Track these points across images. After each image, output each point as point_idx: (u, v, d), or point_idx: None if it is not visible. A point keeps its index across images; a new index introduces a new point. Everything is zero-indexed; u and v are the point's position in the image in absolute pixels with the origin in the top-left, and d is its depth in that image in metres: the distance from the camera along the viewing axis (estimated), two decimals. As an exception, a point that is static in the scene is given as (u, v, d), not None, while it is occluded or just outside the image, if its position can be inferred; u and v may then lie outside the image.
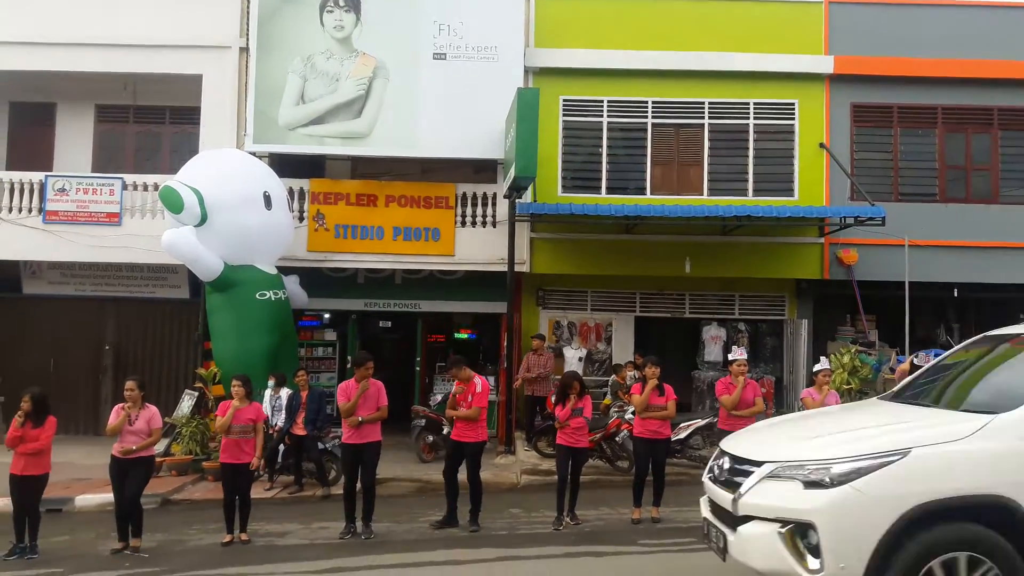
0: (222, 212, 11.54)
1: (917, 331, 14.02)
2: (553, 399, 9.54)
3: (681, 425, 11.02)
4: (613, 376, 13.02)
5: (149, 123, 15.20)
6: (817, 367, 9.43)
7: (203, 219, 11.46)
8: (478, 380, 8.59)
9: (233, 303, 11.80)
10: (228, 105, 13.72)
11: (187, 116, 14.45)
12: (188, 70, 13.75)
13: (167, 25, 13.68)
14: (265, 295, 11.95)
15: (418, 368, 14.79)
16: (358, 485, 8.31)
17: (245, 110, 13.53)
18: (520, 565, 7.36)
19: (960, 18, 14.03)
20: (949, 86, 13.94)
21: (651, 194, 13.78)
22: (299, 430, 10.56)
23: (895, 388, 6.38)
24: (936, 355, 13.37)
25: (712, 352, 14.39)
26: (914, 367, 9.60)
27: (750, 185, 13.87)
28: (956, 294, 14.18)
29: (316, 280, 13.81)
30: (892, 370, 11.59)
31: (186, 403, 12.63)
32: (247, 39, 13.62)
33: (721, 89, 13.88)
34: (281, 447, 10.89)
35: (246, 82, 13.59)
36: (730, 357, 9.44)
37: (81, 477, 10.81)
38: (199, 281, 12.51)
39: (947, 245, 13.70)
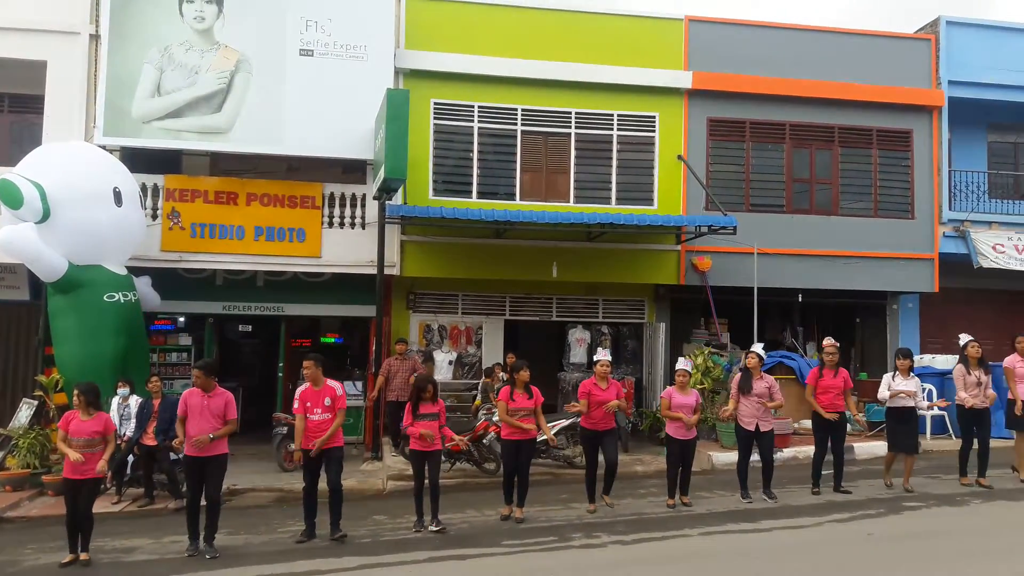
0: (67, 208, 10.83)
1: (765, 334, 14.94)
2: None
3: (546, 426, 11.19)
4: (484, 379, 13.11)
5: (-16, 110, 14.06)
6: (678, 366, 9.79)
7: (45, 215, 10.73)
8: (335, 384, 8.47)
9: (78, 305, 11.07)
10: (76, 94, 12.85)
11: (29, 104, 13.47)
12: (31, 55, 12.79)
13: (7, 4, 12.68)
14: (114, 297, 11.27)
15: (281, 374, 14.33)
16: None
17: (95, 100, 12.71)
18: (383, 572, 7.27)
19: (806, 41, 15.06)
20: (796, 104, 14.92)
21: (520, 200, 13.98)
22: (149, 440, 9.99)
23: None
24: (786, 357, 14.32)
25: (577, 354, 14.80)
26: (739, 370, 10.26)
27: (613, 194, 14.33)
28: (800, 299, 15.21)
29: (170, 281, 13.15)
30: (741, 371, 12.21)
31: (24, 412, 11.72)
32: (97, 25, 12.83)
33: (587, 100, 14.27)
34: (130, 458, 10.29)
35: (96, 71, 12.80)
36: (595, 358, 9.65)
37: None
38: (40, 282, 11.66)
39: (792, 253, 14.67)
